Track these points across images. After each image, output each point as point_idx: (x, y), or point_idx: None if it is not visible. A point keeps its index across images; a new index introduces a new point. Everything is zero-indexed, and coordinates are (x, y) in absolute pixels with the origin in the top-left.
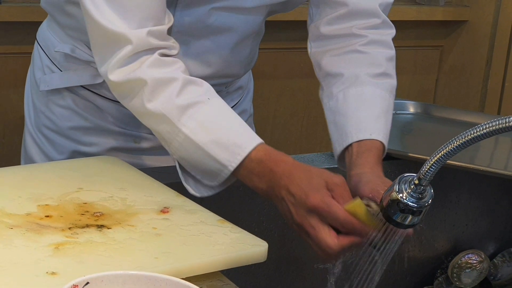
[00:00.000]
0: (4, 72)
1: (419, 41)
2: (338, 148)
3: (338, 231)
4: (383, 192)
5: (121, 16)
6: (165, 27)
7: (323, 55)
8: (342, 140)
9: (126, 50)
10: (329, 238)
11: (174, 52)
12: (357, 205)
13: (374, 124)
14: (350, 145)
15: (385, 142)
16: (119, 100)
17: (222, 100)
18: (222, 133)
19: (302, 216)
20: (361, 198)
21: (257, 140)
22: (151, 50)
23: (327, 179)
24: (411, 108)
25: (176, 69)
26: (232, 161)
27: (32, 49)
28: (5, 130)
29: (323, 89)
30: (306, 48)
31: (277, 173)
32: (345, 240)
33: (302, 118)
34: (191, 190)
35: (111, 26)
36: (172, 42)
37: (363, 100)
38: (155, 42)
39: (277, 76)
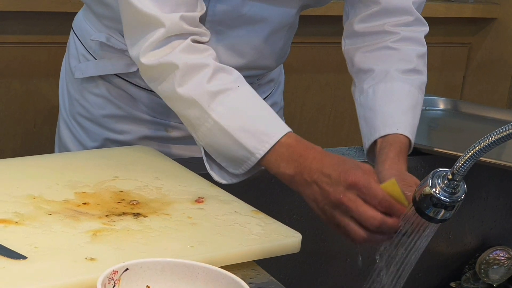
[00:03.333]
0: (36, 62)
1: (447, 38)
2: (367, 142)
3: None
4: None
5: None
6: (197, 14)
7: (356, 51)
8: (370, 135)
9: (159, 33)
10: (372, 210)
11: (206, 39)
12: (393, 184)
13: (400, 118)
14: (376, 140)
15: (411, 137)
16: (147, 83)
17: (252, 88)
18: (251, 120)
19: (340, 192)
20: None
21: (286, 128)
22: (183, 35)
23: (359, 164)
24: (440, 104)
25: (207, 55)
26: (259, 148)
27: (64, 39)
28: (36, 119)
29: (355, 84)
30: (334, 43)
31: (307, 158)
32: (386, 218)
33: (329, 113)
34: (216, 177)
35: (144, 8)
36: (203, 29)
37: (391, 96)
38: (187, 27)
39: (305, 70)
